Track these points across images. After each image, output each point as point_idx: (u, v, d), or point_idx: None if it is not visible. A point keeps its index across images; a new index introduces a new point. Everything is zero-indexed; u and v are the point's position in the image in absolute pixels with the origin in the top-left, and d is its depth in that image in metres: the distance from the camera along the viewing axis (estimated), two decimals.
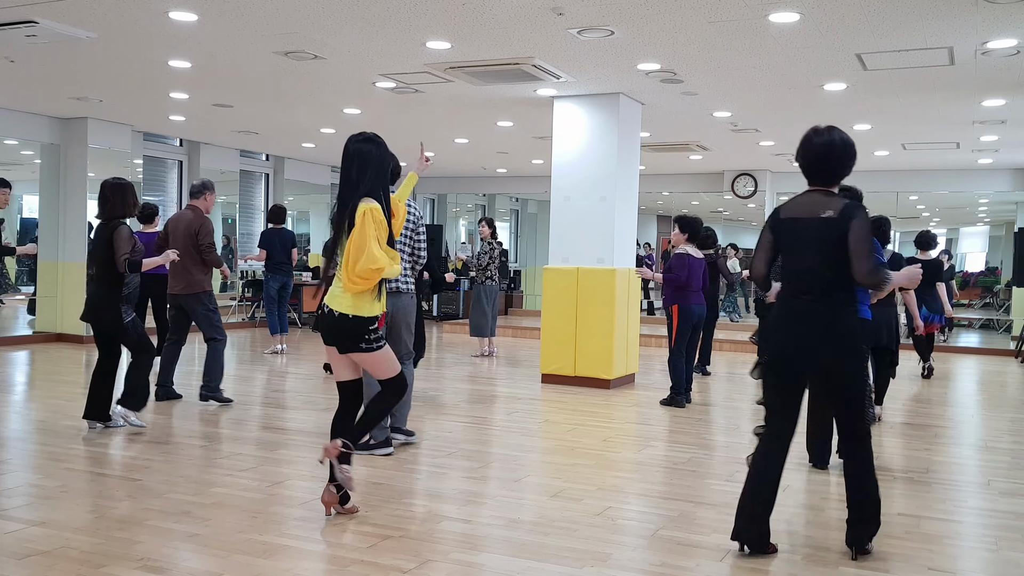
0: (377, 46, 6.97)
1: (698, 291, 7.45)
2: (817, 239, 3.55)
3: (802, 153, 3.66)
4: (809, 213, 3.59)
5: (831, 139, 3.61)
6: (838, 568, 3.59)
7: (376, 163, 4.01)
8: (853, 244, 3.48)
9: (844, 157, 3.62)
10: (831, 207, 3.55)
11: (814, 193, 3.65)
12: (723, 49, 6.76)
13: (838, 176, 3.65)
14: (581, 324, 8.50)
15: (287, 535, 3.81)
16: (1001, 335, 15.56)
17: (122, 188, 5.71)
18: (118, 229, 5.63)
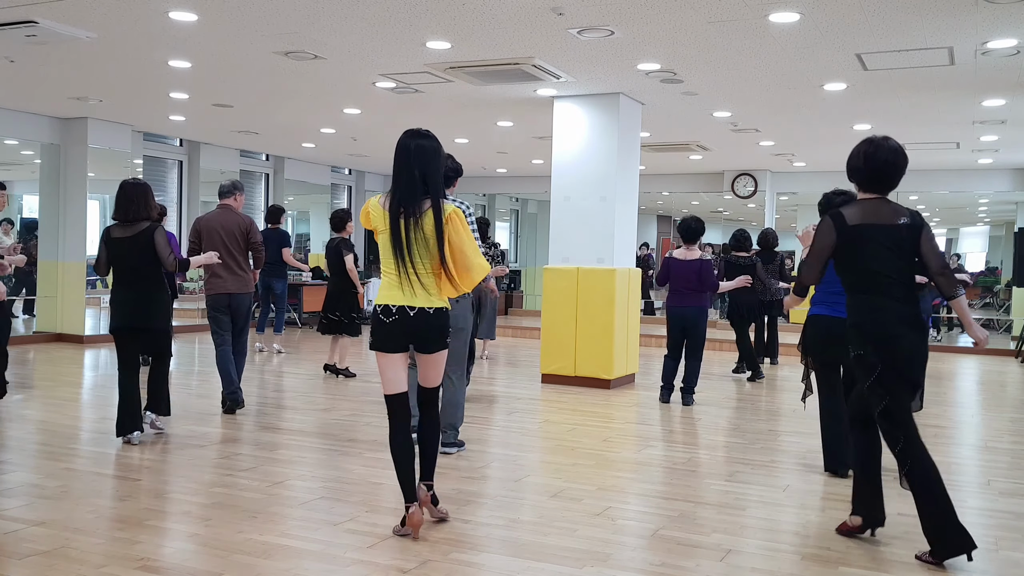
0: (377, 46, 6.98)
1: (684, 293, 7.36)
2: (899, 245, 3.72)
3: (865, 163, 3.77)
4: (886, 220, 3.74)
5: (896, 149, 3.77)
6: (838, 568, 3.59)
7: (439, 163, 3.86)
8: (928, 246, 3.72)
9: (904, 168, 3.80)
10: (903, 214, 3.75)
11: (881, 200, 3.80)
12: (723, 49, 6.76)
13: (897, 183, 3.83)
14: (581, 324, 8.50)
15: (287, 535, 3.81)
16: (1001, 335, 15.56)
17: (144, 188, 5.58)
18: (158, 231, 5.51)
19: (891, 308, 3.71)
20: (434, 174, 3.79)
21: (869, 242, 3.72)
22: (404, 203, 3.72)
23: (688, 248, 7.42)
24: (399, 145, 3.81)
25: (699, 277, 7.29)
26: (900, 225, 3.71)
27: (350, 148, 13.21)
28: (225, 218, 6.68)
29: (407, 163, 3.77)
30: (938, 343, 13.04)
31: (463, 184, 19.67)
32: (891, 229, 3.71)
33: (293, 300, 14.05)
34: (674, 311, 7.43)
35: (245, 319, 6.72)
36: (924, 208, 18.20)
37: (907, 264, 3.74)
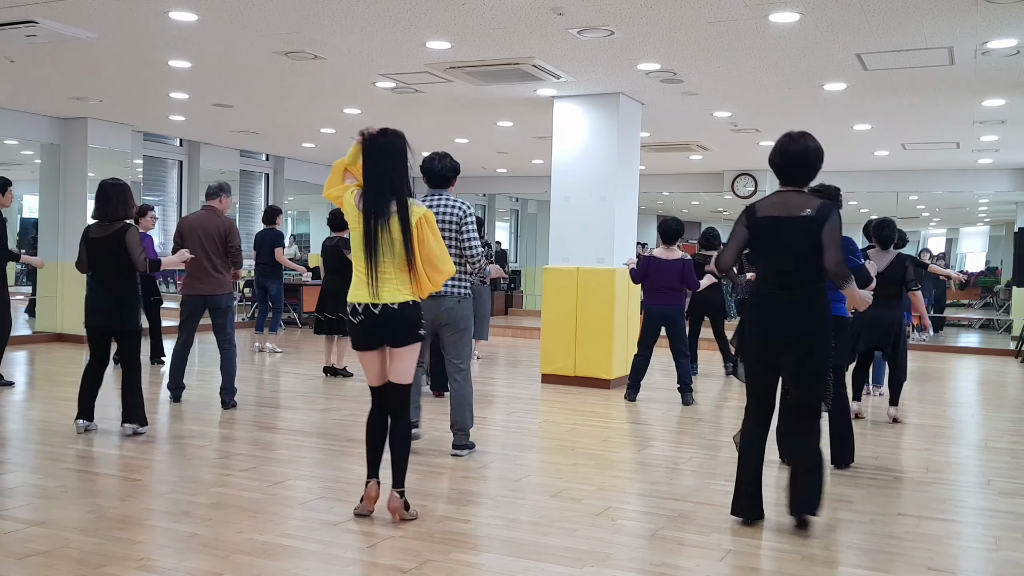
0: (377, 46, 6.98)
1: (662, 291, 7.41)
2: (798, 236, 3.88)
3: (778, 158, 3.98)
4: (789, 212, 3.91)
5: (806, 146, 3.95)
6: (838, 568, 3.60)
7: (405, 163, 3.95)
8: (826, 238, 3.83)
9: (817, 161, 3.96)
10: (809, 206, 3.88)
11: (790, 193, 3.98)
12: (723, 49, 6.76)
13: (810, 178, 4.00)
14: (581, 324, 8.50)
15: (287, 535, 3.81)
16: (1001, 335, 15.56)
17: (124, 188, 5.65)
18: (130, 230, 5.58)
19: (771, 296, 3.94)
20: (400, 175, 3.89)
21: (770, 232, 3.93)
22: (372, 204, 3.86)
23: (668, 248, 7.47)
24: (366, 144, 3.91)
25: (682, 277, 7.37)
26: (802, 216, 3.86)
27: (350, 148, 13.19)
28: (206, 220, 6.79)
29: (374, 164, 3.89)
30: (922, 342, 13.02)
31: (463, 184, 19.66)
32: (794, 220, 3.88)
33: (293, 300, 14.05)
34: (654, 309, 7.48)
35: (223, 318, 6.78)
36: (924, 208, 18.23)
37: (806, 255, 3.85)
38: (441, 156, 5.45)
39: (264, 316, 10.55)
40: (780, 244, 3.92)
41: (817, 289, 3.91)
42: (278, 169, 15.16)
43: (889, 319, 6.56)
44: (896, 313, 6.63)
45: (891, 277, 6.54)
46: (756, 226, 3.98)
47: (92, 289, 5.73)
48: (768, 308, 3.96)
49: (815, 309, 3.90)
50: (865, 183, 14.15)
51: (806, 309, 3.89)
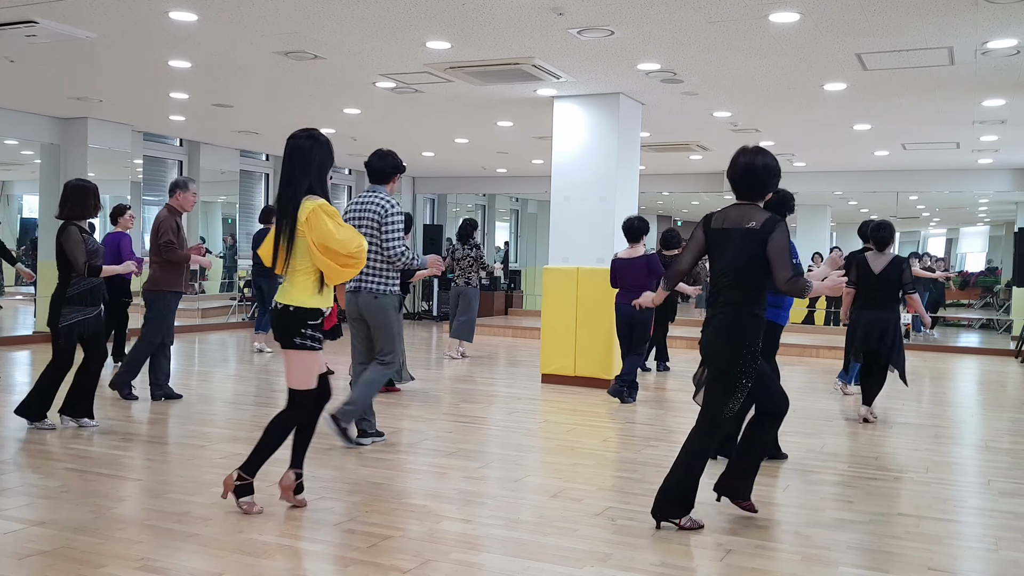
0: (377, 46, 6.98)
1: (631, 291, 7.28)
2: (740, 248, 3.91)
3: (729, 170, 4.04)
4: (736, 224, 3.95)
5: (751, 161, 3.97)
6: (838, 568, 3.59)
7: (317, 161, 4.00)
8: (773, 254, 3.83)
9: (764, 177, 3.98)
10: (755, 219, 3.89)
11: (741, 206, 4.00)
12: (723, 49, 6.76)
13: (760, 194, 4.00)
14: (581, 324, 8.50)
15: (287, 535, 3.81)
16: (1001, 335, 15.56)
17: (84, 189, 5.70)
18: (67, 233, 5.64)
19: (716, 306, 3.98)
20: (301, 174, 3.96)
21: (718, 244, 3.98)
22: (278, 206, 4.00)
23: (632, 247, 7.49)
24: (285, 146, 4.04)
25: (649, 270, 7.36)
26: (747, 229, 3.88)
27: (350, 148, 13.20)
28: (158, 217, 6.89)
29: (283, 164, 4.03)
30: (925, 342, 13.04)
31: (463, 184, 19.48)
32: (738, 233, 3.91)
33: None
34: (622, 308, 7.49)
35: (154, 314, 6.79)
36: (924, 208, 18.22)
37: (742, 267, 3.88)
38: (382, 154, 5.45)
39: (264, 315, 10.55)
40: (722, 255, 3.96)
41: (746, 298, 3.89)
42: (278, 169, 15.10)
43: (886, 321, 6.56)
44: (893, 315, 6.63)
45: (888, 279, 6.54)
46: (708, 235, 4.04)
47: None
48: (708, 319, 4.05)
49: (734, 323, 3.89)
50: (865, 183, 14.14)
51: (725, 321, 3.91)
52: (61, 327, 5.67)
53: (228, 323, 13.89)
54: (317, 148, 4.01)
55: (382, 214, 5.22)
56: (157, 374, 6.94)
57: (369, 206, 5.26)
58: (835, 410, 7.34)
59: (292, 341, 3.98)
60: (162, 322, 6.80)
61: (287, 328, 3.98)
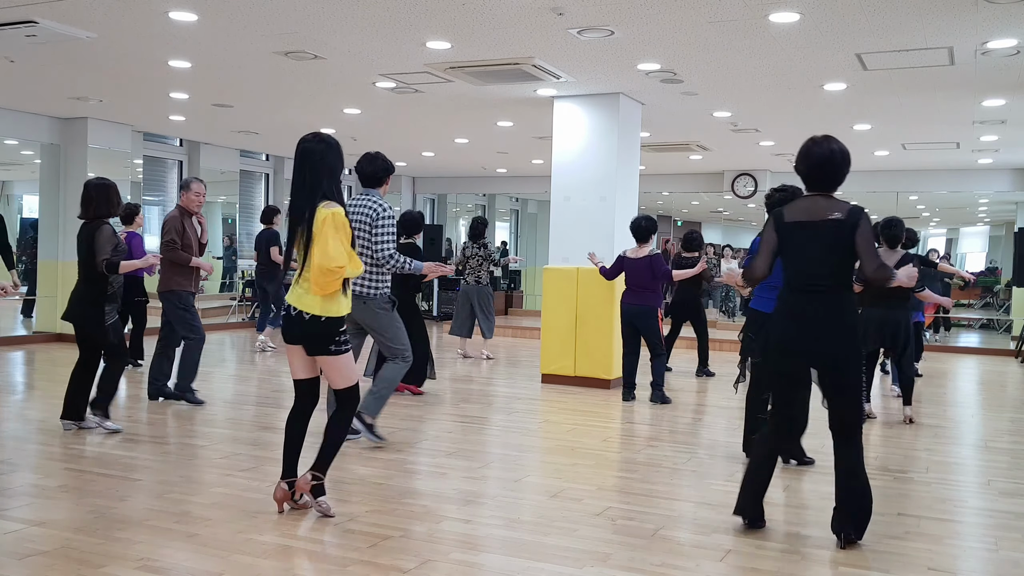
0: (377, 46, 6.97)
1: (635, 290, 7.42)
2: (827, 240, 3.76)
3: (803, 162, 3.88)
4: (816, 216, 3.80)
5: (831, 149, 3.85)
6: (838, 568, 3.59)
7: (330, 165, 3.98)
8: (861, 243, 3.73)
9: (843, 165, 3.87)
10: (838, 208, 3.78)
11: (818, 197, 3.87)
12: (723, 49, 6.76)
13: (837, 183, 3.88)
14: (581, 324, 8.50)
15: (287, 535, 3.81)
16: (1001, 335, 15.56)
17: (106, 188, 5.72)
18: (100, 229, 5.66)
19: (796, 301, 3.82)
20: (318, 179, 3.93)
21: (798, 238, 3.82)
22: (291, 210, 3.97)
23: (639, 247, 7.48)
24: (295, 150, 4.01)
25: (651, 270, 7.36)
26: (831, 220, 3.76)
27: (350, 148, 13.17)
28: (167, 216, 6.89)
29: (295, 168, 3.99)
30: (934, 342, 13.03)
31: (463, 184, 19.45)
32: (821, 225, 3.77)
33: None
34: (625, 308, 7.51)
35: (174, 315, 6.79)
36: (924, 208, 18.22)
37: (837, 260, 3.76)
38: (372, 157, 5.44)
39: (266, 316, 10.57)
40: (806, 249, 3.78)
41: (847, 297, 3.79)
42: (278, 169, 15.15)
43: (897, 319, 6.57)
44: (904, 313, 6.64)
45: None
46: (782, 231, 3.85)
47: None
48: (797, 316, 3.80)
49: (844, 316, 3.76)
50: (865, 183, 14.14)
51: (837, 317, 3.75)
52: (107, 325, 5.75)
53: (228, 323, 13.89)
54: (329, 152, 3.99)
55: (374, 217, 5.21)
56: (156, 374, 6.93)
57: (362, 208, 5.26)
58: None
59: (328, 349, 3.98)
60: (188, 318, 6.77)
61: (322, 338, 3.95)
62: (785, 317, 3.86)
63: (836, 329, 3.75)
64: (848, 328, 3.77)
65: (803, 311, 3.79)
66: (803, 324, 3.78)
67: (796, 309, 3.82)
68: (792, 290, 3.86)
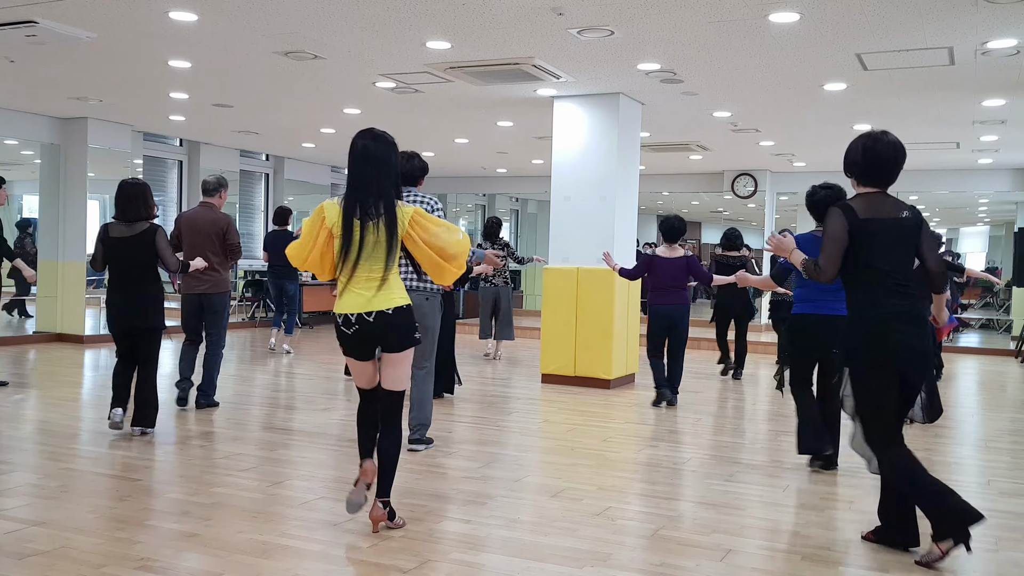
0: (377, 46, 6.97)
1: (669, 290, 7.32)
2: (904, 239, 3.74)
3: (865, 157, 3.77)
4: (890, 214, 3.75)
5: (896, 144, 3.79)
6: (838, 568, 3.59)
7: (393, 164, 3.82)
8: (927, 242, 3.78)
9: (903, 160, 3.83)
10: (904, 208, 3.78)
11: (883, 195, 3.81)
12: (723, 49, 6.76)
13: (895, 178, 3.84)
14: (581, 324, 8.50)
15: (287, 535, 3.81)
16: (1001, 335, 15.56)
17: (143, 187, 5.69)
18: (159, 232, 5.62)
19: (889, 303, 3.68)
20: (386, 176, 3.74)
21: (875, 236, 3.69)
22: (359, 206, 3.70)
23: (670, 247, 7.42)
24: (352, 146, 3.79)
25: (689, 272, 7.32)
26: (903, 219, 3.73)
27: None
28: (205, 216, 6.69)
29: (361, 165, 3.75)
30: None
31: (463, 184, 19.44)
32: (895, 223, 3.72)
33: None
34: (660, 309, 7.35)
35: (217, 317, 6.74)
36: (924, 208, 18.21)
37: (909, 258, 3.76)
38: (410, 156, 5.44)
39: (281, 316, 10.54)
40: (884, 248, 3.68)
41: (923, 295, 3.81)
42: (278, 169, 15.16)
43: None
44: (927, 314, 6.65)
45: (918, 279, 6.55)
46: (860, 230, 3.67)
47: (113, 292, 5.69)
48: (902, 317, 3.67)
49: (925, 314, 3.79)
50: None
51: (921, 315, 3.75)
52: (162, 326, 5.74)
53: (228, 323, 13.87)
54: (394, 151, 3.84)
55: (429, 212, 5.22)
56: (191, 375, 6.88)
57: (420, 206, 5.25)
58: None
59: (415, 338, 3.86)
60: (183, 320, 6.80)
61: (408, 327, 3.81)
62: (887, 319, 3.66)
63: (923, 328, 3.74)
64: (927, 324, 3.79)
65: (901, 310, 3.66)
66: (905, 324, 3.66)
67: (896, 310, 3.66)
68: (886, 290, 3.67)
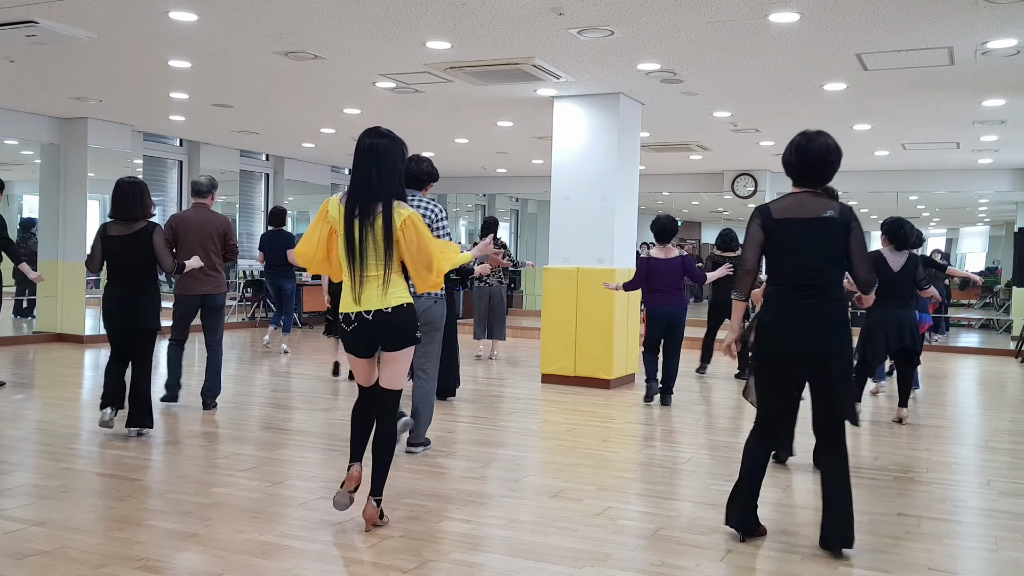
0: (377, 46, 6.97)
1: (664, 292, 7.33)
2: (824, 238, 3.68)
3: (796, 156, 3.77)
4: (809, 213, 3.71)
5: (827, 144, 3.75)
6: (838, 568, 3.59)
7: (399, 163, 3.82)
8: (856, 245, 3.68)
9: (837, 160, 3.77)
10: (830, 207, 3.70)
11: (809, 194, 3.78)
12: (723, 49, 6.76)
13: (828, 179, 3.80)
14: (581, 324, 8.50)
15: (287, 535, 3.81)
16: (1001, 335, 15.56)
17: (140, 186, 5.67)
18: (157, 230, 5.62)
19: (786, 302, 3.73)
20: (388, 175, 3.75)
21: (786, 235, 3.72)
22: (358, 205, 3.73)
23: (664, 247, 7.44)
24: (357, 145, 3.82)
25: (685, 272, 7.34)
26: (823, 219, 3.68)
27: (350, 148, 13.19)
28: (202, 217, 6.67)
29: (362, 163, 3.77)
30: (934, 343, 13.03)
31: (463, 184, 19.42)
32: (810, 222, 3.69)
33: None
34: (657, 310, 7.38)
35: (216, 318, 6.73)
36: (924, 208, 18.22)
37: (823, 258, 3.68)
38: (417, 159, 5.43)
39: (279, 315, 10.63)
40: (801, 247, 3.69)
41: (839, 295, 3.75)
42: (278, 169, 15.16)
43: (907, 318, 6.60)
44: (912, 312, 6.68)
45: (907, 277, 6.57)
46: (774, 228, 3.74)
47: (110, 289, 5.70)
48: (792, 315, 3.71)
49: (838, 314, 3.72)
50: (865, 183, 14.14)
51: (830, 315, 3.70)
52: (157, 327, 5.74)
53: (228, 323, 13.88)
54: (397, 149, 3.83)
55: (433, 218, 5.20)
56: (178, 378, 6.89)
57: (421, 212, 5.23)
58: None
59: (415, 337, 3.86)
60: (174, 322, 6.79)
61: (409, 326, 3.82)
62: (779, 316, 3.76)
63: (830, 327, 3.68)
64: (842, 326, 3.72)
65: (797, 309, 3.70)
66: (798, 322, 3.69)
67: (789, 307, 3.73)
68: (785, 288, 3.75)
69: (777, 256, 3.78)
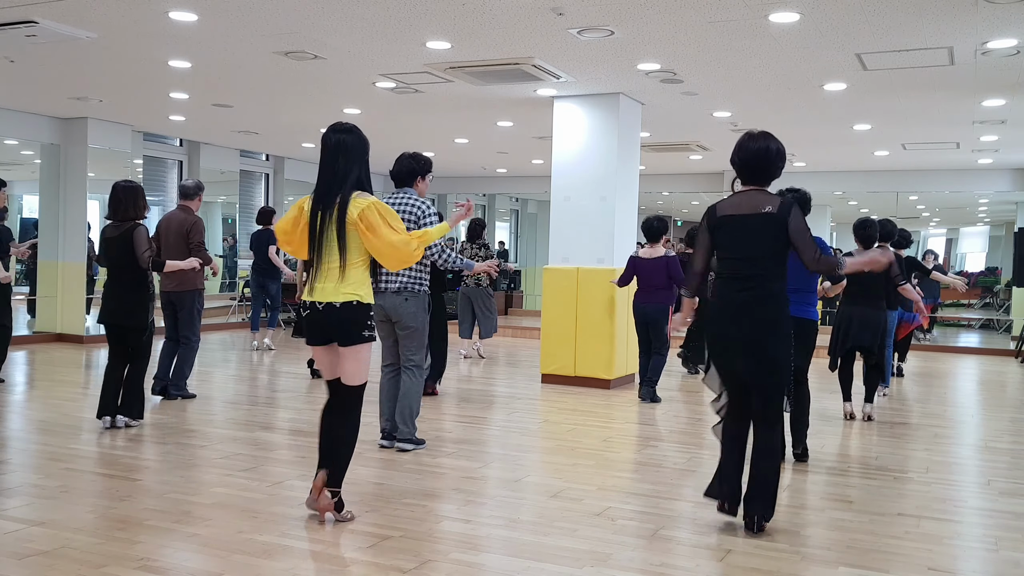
0: (377, 46, 6.98)
1: (650, 290, 7.51)
2: (759, 233, 3.87)
3: (739, 155, 3.98)
4: (750, 210, 3.90)
5: (765, 146, 3.94)
6: (838, 568, 3.59)
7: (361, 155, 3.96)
8: (795, 236, 3.84)
9: (777, 161, 3.95)
10: (770, 203, 3.87)
11: (751, 192, 3.96)
12: (723, 49, 6.76)
13: (770, 178, 3.98)
14: (581, 324, 8.50)
15: (287, 535, 3.81)
16: (1001, 335, 15.56)
17: (134, 190, 5.87)
18: (137, 230, 5.78)
19: (723, 296, 3.93)
20: (351, 168, 3.89)
21: (726, 231, 3.92)
22: (319, 198, 3.89)
23: (652, 246, 7.56)
24: (322, 139, 3.97)
25: (668, 273, 7.43)
26: (761, 214, 3.84)
27: None
28: (177, 218, 7.02)
29: (327, 157, 3.95)
30: (926, 342, 13.03)
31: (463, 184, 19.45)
32: (747, 218, 3.87)
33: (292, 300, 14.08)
34: (638, 308, 7.62)
35: (188, 314, 6.96)
36: (924, 208, 18.21)
37: (762, 252, 3.85)
38: (410, 156, 5.47)
39: (258, 315, 10.79)
40: (739, 243, 3.90)
41: (778, 288, 3.89)
42: (278, 169, 15.15)
43: (877, 318, 6.60)
44: (883, 314, 6.67)
45: (877, 276, 6.53)
46: (717, 226, 3.96)
47: (105, 287, 5.94)
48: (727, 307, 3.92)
49: (773, 308, 3.88)
50: (865, 183, 14.14)
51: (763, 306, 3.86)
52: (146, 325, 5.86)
53: (228, 323, 13.89)
54: (359, 141, 3.97)
55: (419, 215, 5.26)
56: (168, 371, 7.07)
57: (404, 206, 5.28)
58: (835, 410, 7.34)
59: (362, 336, 3.89)
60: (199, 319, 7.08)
61: (355, 323, 3.86)
62: (717, 308, 3.98)
63: (762, 318, 3.85)
64: (774, 319, 3.88)
65: (733, 300, 3.90)
66: (733, 313, 3.89)
67: (726, 300, 3.93)
68: (724, 281, 3.96)
69: (719, 251, 4.01)
